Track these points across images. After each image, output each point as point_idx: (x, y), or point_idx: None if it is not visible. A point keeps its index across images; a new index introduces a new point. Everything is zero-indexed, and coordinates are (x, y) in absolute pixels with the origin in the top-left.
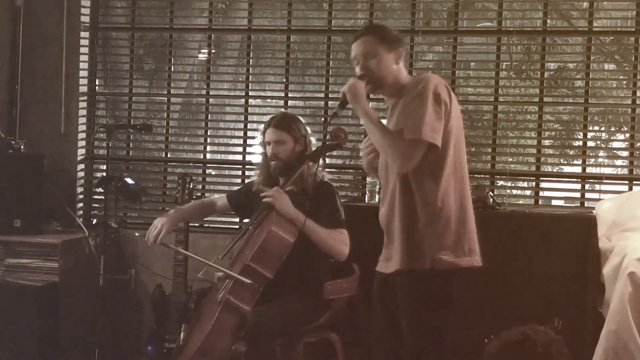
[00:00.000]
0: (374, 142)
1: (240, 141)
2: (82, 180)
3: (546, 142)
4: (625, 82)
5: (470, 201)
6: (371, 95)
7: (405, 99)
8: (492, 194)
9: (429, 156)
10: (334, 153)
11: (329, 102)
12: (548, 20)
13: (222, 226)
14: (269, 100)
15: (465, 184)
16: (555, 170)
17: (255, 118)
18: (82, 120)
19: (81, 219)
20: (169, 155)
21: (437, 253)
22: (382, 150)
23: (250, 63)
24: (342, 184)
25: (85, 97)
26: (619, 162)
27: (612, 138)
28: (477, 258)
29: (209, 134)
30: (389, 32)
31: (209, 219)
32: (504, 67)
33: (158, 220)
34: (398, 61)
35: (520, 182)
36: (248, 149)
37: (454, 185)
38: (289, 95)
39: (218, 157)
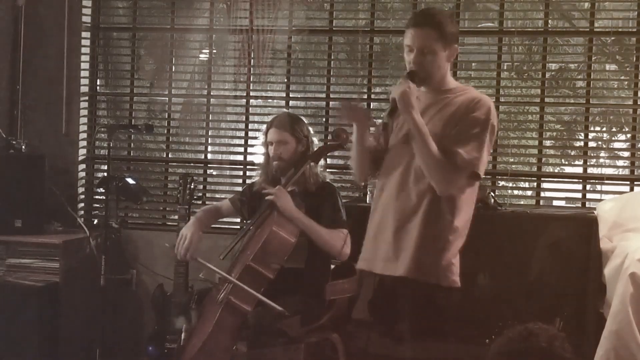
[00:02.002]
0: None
1: (242, 141)
2: (83, 181)
3: (547, 143)
4: (626, 82)
5: None
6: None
7: (462, 116)
8: (493, 195)
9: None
10: (336, 153)
11: (331, 103)
12: (549, 21)
13: (223, 226)
14: (270, 100)
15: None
16: (556, 170)
17: (256, 118)
18: (83, 120)
19: (82, 219)
20: (170, 156)
21: (446, 270)
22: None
23: (252, 63)
24: (343, 184)
25: (87, 97)
26: (620, 163)
27: (613, 138)
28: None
29: (210, 134)
30: (450, 27)
31: None
32: (505, 68)
33: (185, 231)
34: (450, 59)
35: (522, 183)
36: (249, 149)
37: (471, 204)
38: (291, 95)
39: (219, 157)
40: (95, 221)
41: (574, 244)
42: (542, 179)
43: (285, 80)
